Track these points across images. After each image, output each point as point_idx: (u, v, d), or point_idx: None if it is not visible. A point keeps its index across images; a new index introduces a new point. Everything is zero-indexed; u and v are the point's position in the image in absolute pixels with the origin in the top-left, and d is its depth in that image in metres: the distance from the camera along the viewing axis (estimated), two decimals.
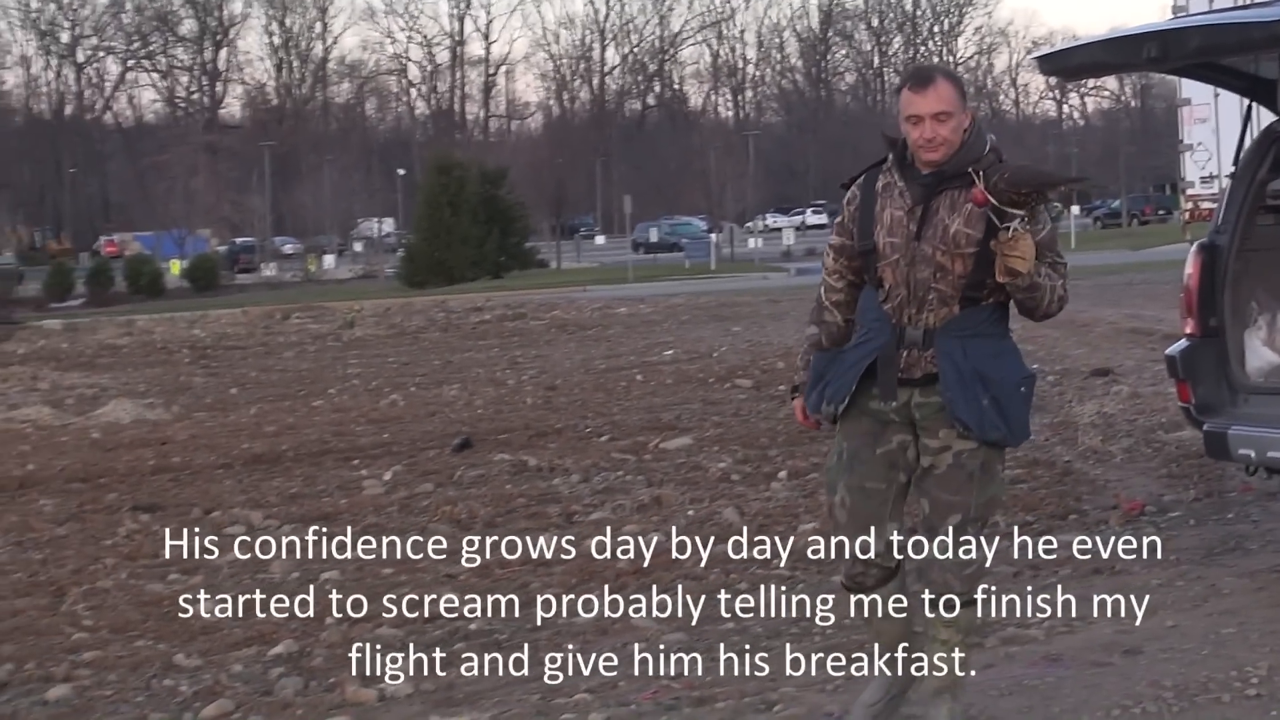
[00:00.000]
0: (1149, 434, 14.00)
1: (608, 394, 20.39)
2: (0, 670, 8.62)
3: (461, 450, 15.82)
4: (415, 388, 22.75)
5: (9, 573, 11.25)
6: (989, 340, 5.97)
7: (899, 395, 5.94)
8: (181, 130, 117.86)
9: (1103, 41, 9.44)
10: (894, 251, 5.92)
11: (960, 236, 5.85)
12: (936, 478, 6.01)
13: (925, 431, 5.99)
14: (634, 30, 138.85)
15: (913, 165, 5.99)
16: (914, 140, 5.93)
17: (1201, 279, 9.27)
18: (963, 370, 5.86)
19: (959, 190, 5.87)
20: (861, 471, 6.04)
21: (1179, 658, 7.70)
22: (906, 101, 5.93)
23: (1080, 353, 20.96)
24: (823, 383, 6.08)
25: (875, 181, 6.10)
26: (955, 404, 5.87)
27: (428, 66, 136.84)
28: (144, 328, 40.53)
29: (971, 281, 5.86)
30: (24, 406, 22.34)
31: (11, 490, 14.94)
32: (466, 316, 38.89)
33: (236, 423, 19.47)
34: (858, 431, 6.05)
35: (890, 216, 5.97)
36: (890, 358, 5.92)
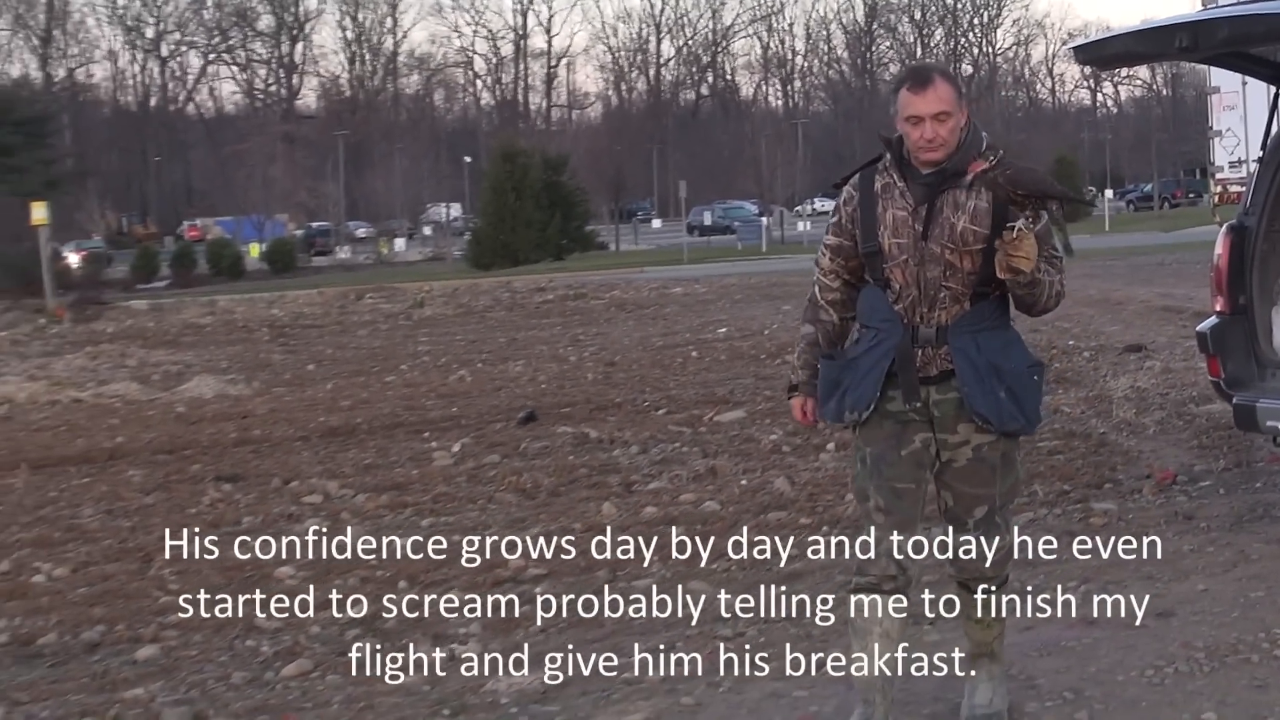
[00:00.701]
0: (1180, 407, 13.95)
1: (664, 370, 20.38)
2: (92, 631, 8.67)
3: (526, 423, 15.83)
4: (482, 364, 22.77)
5: (100, 539, 11.31)
6: (997, 332, 5.79)
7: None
8: (260, 120, 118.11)
9: (1136, 32, 9.41)
10: (901, 252, 5.70)
11: (968, 234, 5.65)
12: (957, 471, 5.84)
13: (943, 427, 5.78)
14: (688, 24, 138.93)
15: (911, 165, 5.77)
16: (914, 140, 5.70)
17: (1231, 259, 9.25)
18: (978, 364, 5.68)
19: (960, 189, 5.68)
20: (890, 474, 5.78)
21: (1210, 620, 7.68)
22: (905, 102, 5.71)
23: (1114, 329, 20.88)
24: (840, 391, 5.83)
25: (872, 182, 5.84)
26: (973, 398, 5.67)
27: (493, 59, 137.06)
28: (225, 308, 40.70)
29: (981, 278, 5.69)
30: (113, 382, 22.46)
31: (102, 461, 15.03)
32: (530, 296, 38.92)
33: (313, 397, 19.53)
34: (880, 436, 5.80)
35: (893, 217, 5.73)
36: (908, 358, 5.70)
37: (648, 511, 11.16)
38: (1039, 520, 10.17)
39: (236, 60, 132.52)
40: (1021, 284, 5.59)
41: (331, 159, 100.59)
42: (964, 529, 5.87)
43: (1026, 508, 10.46)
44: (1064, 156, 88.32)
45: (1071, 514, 10.33)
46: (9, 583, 10.05)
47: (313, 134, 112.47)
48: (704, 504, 11.31)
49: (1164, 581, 8.49)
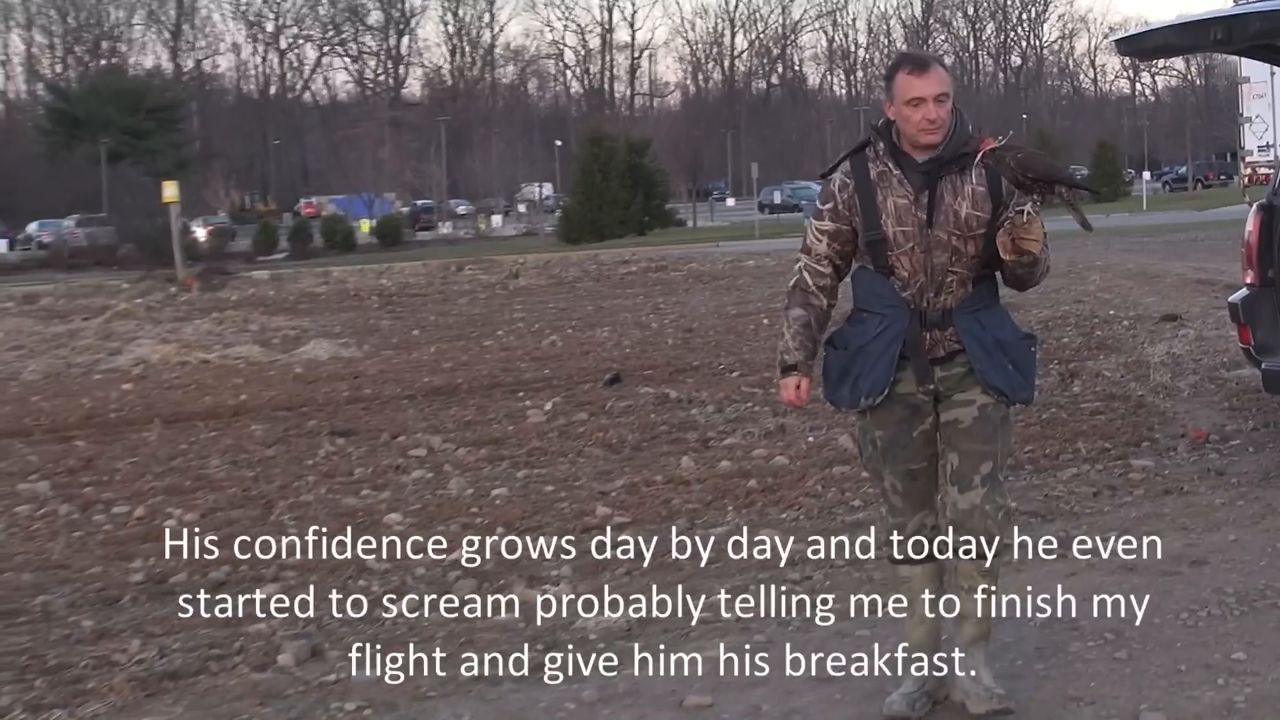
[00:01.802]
0: (1213, 372, 13.88)
1: (738, 336, 20.34)
2: (219, 571, 8.73)
3: (612, 384, 15.84)
4: (571, 330, 22.78)
5: (225, 488, 11.39)
6: (993, 310, 5.55)
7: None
8: (369, 107, 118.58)
9: (1174, 26, 9.36)
10: (907, 240, 5.40)
11: (972, 220, 5.39)
12: (963, 431, 5.52)
13: (953, 393, 5.51)
14: (760, 19, 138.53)
15: (904, 153, 5.47)
16: (916, 122, 5.38)
17: (1260, 235, 9.25)
18: (984, 342, 5.44)
19: (957, 175, 5.42)
20: (905, 455, 5.54)
21: (1239, 568, 7.67)
22: (906, 85, 5.40)
23: (1151, 300, 20.72)
24: (852, 378, 5.49)
25: (866, 170, 5.51)
26: (987, 374, 5.43)
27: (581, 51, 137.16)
28: (338, 278, 40.85)
29: (984, 260, 5.47)
30: (237, 345, 22.60)
31: (227, 417, 15.13)
32: (615, 268, 38.91)
33: (418, 360, 19.59)
34: (891, 419, 5.52)
35: (895, 205, 5.42)
36: (918, 343, 5.44)
37: (723, 465, 11.17)
38: (1082, 475, 10.13)
39: (348, 52, 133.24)
40: (1024, 264, 5.36)
41: (434, 142, 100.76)
42: (970, 487, 5.51)
43: (1070, 463, 10.43)
44: (1105, 142, 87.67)
45: (1112, 470, 10.28)
46: (144, 527, 10.14)
47: (417, 120, 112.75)
48: (774, 459, 11.30)
49: (1197, 532, 8.47)
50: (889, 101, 5.49)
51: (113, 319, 28.11)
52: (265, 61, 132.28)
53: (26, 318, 29.49)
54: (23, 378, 19.91)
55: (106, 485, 11.76)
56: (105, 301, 33.09)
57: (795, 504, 9.77)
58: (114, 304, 31.75)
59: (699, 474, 10.90)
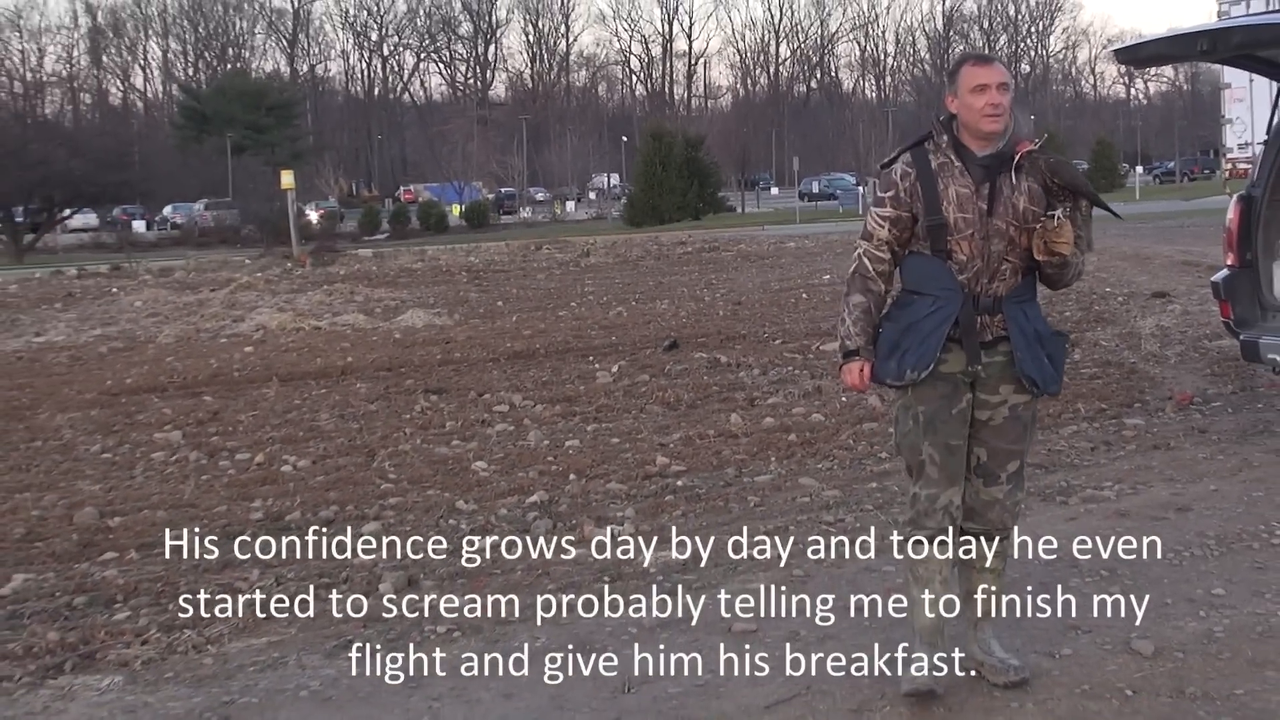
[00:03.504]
0: (1197, 342, 13.84)
1: (780, 308, 20.30)
2: (327, 511, 8.79)
3: (670, 350, 15.84)
4: (635, 302, 22.78)
5: (334, 438, 11.45)
6: (1034, 304, 5.30)
7: (964, 357, 5.16)
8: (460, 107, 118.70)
9: (1167, 38, 9.37)
10: (968, 226, 5.08)
11: (1029, 213, 5.09)
12: (994, 429, 5.22)
13: (985, 388, 5.20)
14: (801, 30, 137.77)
15: (965, 148, 5.16)
16: (980, 108, 5.07)
17: (1240, 222, 9.27)
18: (1026, 332, 5.15)
19: (1014, 171, 5.12)
20: (946, 430, 5.16)
21: (1219, 514, 7.65)
22: (971, 74, 5.11)
23: (1143, 279, 20.62)
24: (899, 351, 5.13)
25: (927, 161, 5.19)
26: (1025, 363, 5.14)
27: (645, 59, 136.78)
28: (432, 256, 40.99)
29: (1031, 255, 5.18)
30: (345, 314, 22.72)
31: (335, 376, 15.21)
32: (673, 249, 38.86)
33: (501, 328, 19.62)
34: (934, 395, 5.15)
35: (956, 194, 5.11)
36: (972, 325, 5.10)
37: (767, 421, 11.17)
38: (1081, 432, 10.09)
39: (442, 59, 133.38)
40: (1054, 265, 5.12)
41: (516, 137, 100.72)
42: (996, 482, 5.25)
43: (1071, 422, 10.39)
44: (1103, 139, 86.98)
45: (1107, 427, 10.24)
46: (263, 471, 10.21)
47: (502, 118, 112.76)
48: (812, 416, 11.29)
49: (1182, 483, 8.44)
50: (952, 95, 5.19)
51: (236, 290, 28.28)
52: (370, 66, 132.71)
53: (162, 289, 29.70)
54: (159, 341, 20.08)
55: (230, 435, 11.84)
56: (230, 275, 33.30)
57: (830, 455, 9.76)
58: (237, 277, 31.93)
59: (746, 429, 10.90)
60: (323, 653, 6.12)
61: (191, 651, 6.21)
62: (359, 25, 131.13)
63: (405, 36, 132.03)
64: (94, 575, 7.57)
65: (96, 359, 18.11)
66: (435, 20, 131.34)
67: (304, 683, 5.77)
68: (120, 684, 5.87)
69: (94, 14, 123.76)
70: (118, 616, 6.77)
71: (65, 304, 27.46)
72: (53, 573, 7.68)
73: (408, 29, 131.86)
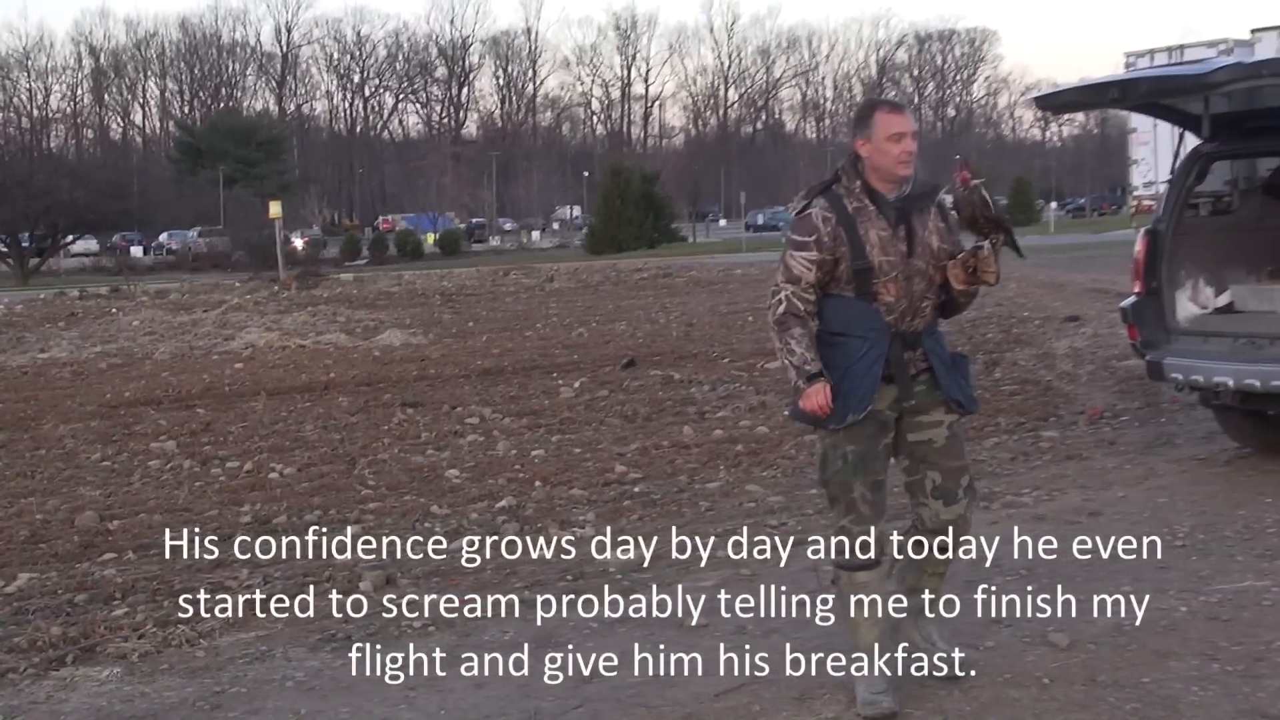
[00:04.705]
0: (1106, 362, 13.94)
1: (729, 330, 20.34)
2: (312, 514, 8.76)
3: (628, 367, 15.84)
4: (595, 324, 22.78)
5: (317, 447, 11.40)
6: (941, 333, 5.08)
7: (892, 393, 4.94)
8: (435, 144, 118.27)
9: (1082, 87, 9.48)
10: (892, 269, 4.84)
11: (942, 252, 4.94)
12: (939, 450, 5.02)
13: (918, 415, 4.99)
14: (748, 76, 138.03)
15: (874, 190, 4.91)
16: (896, 154, 4.84)
17: (1147, 254, 9.40)
18: (944, 360, 4.99)
19: (921, 212, 4.94)
20: (874, 468, 4.93)
21: (1127, 518, 7.70)
22: (887, 121, 4.87)
23: (1058, 304, 20.73)
24: (840, 396, 4.83)
25: (843, 205, 4.90)
26: (950, 389, 4.97)
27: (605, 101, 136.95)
28: (409, 280, 40.85)
29: (942, 288, 5.01)
30: (327, 333, 22.62)
31: (319, 390, 15.16)
32: (631, 275, 38.88)
33: (472, 346, 19.59)
34: (865, 434, 4.90)
35: (877, 237, 4.85)
36: (901, 362, 4.89)
37: (716, 433, 11.19)
38: (1002, 443, 10.15)
39: (419, 99, 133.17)
40: (970, 294, 5.02)
41: (487, 172, 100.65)
42: (955, 500, 5.05)
43: (992, 434, 10.46)
44: (1021, 178, 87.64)
45: (1025, 439, 10.32)
46: (252, 478, 10.16)
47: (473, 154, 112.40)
48: (757, 428, 11.32)
49: (1093, 490, 8.51)
50: (863, 139, 4.92)
51: (227, 311, 28.12)
52: (352, 106, 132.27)
53: (158, 309, 29.51)
54: (155, 357, 19.95)
55: (221, 445, 11.78)
56: (221, 297, 33.10)
57: (774, 464, 9.78)
58: (228, 299, 31.77)
59: (697, 440, 10.91)
60: (307, 646, 6.09)
61: (185, 645, 6.17)
62: (342, 68, 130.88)
63: (385, 79, 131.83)
64: (94, 574, 7.51)
65: (97, 374, 17.98)
66: (413, 64, 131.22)
67: (289, 674, 5.74)
68: (118, 675, 5.83)
69: (97, 56, 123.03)
70: (116, 613, 6.72)
71: (68, 323, 27.24)
72: (55, 572, 7.63)
73: (387, 72, 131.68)
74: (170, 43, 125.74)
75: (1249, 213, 9.98)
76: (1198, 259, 9.62)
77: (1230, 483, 8.57)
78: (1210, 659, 5.41)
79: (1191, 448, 9.72)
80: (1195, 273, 9.63)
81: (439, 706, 5.28)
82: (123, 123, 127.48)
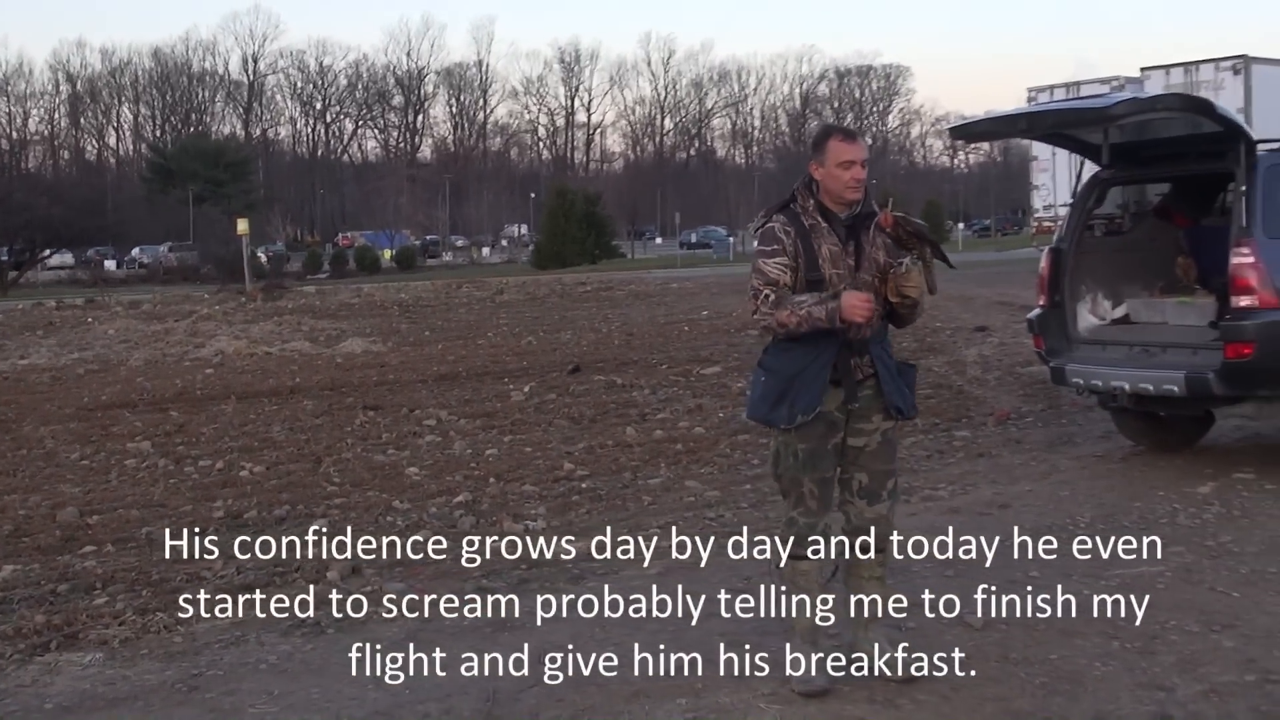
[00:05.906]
0: (1012, 369, 14.08)
1: (667, 338, 20.36)
2: (280, 510, 8.70)
3: (573, 373, 15.84)
4: (543, 333, 22.74)
5: (284, 447, 11.33)
6: (887, 342, 5.12)
7: (840, 396, 4.98)
8: (392, 166, 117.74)
9: (993, 118, 9.63)
10: (840, 281, 4.90)
11: (886, 266, 4.98)
12: (871, 454, 5.06)
13: (859, 420, 5.01)
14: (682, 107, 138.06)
15: (827, 209, 4.99)
16: (845, 181, 4.92)
17: (1051, 270, 9.54)
18: (889, 368, 5.03)
19: (867, 230, 4.98)
20: (822, 466, 4.98)
21: (1033, 510, 7.82)
22: (839, 149, 4.93)
23: (967, 316, 20.90)
24: (789, 398, 4.91)
25: (800, 221, 4.98)
26: (892, 395, 5.01)
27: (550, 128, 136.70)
28: (368, 293, 40.59)
29: (886, 300, 5.02)
30: (292, 341, 22.45)
31: (285, 394, 15.06)
32: (575, 288, 38.82)
33: (429, 354, 19.51)
34: (815, 434, 4.94)
35: (829, 252, 4.93)
36: (848, 368, 4.94)
37: (657, 434, 11.20)
38: (919, 442, 10.22)
39: (377, 125, 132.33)
40: (906, 306, 5.01)
41: (440, 193, 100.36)
42: (879, 500, 5.09)
43: (910, 434, 10.49)
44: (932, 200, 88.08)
45: (940, 438, 10.41)
46: (223, 476, 10.09)
47: (428, 176, 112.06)
48: (695, 429, 11.34)
49: (1002, 484, 8.60)
50: (817, 163, 4.98)
51: (197, 321, 27.84)
52: (314, 131, 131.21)
53: (132, 319, 29.17)
54: (130, 364, 19.73)
55: (194, 445, 11.68)
56: (192, 308, 32.77)
57: (711, 462, 9.81)
58: (198, 309, 31.46)
59: (639, 440, 10.92)
60: (279, 632, 6.05)
61: (163, 631, 6.12)
62: (305, 96, 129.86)
63: (345, 106, 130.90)
64: (75, 566, 7.45)
65: (75, 379, 17.78)
66: (372, 93, 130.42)
67: (263, 657, 5.71)
68: (100, 660, 5.77)
69: (74, 82, 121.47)
70: (97, 601, 6.66)
71: (46, 332, 26.89)
72: (38, 564, 7.54)
73: (348, 100, 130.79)
74: (143, 71, 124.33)
75: (1142, 234, 10.18)
76: (1097, 275, 9.77)
77: (1126, 477, 8.69)
78: (1111, 637, 5.48)
79: (1091, 446, 9.84)
80: (1094, 287, 9.77)
81: (404, 686, 5.25)
82: (98, 145, 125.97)
